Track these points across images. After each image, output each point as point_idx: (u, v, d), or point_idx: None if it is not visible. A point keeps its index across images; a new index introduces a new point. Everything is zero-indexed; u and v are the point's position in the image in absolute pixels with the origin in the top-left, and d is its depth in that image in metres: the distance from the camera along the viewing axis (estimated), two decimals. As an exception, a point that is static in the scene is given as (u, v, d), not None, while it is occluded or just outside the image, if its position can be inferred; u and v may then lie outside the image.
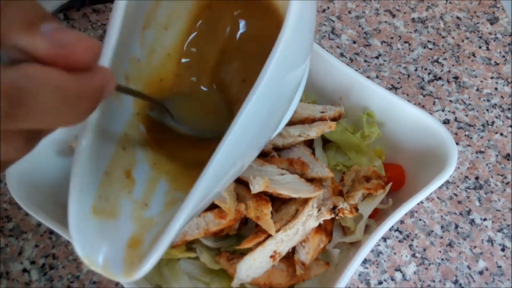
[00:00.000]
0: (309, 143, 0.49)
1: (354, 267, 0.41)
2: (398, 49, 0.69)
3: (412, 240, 0.57)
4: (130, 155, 0.34)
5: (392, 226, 0.58)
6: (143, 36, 0.34)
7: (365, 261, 0.55)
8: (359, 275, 0.55)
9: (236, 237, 0.43)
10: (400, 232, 0.57)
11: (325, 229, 0.42)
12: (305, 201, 0.41)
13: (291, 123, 0.47)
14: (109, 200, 0.31)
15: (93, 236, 0.29)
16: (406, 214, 0.59)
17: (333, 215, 0.41)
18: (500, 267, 0.56)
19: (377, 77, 0.67)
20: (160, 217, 0.31)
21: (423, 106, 0.65)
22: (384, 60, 0.68)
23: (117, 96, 0.33)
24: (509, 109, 0.65)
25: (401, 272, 0.55)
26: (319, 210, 0.41)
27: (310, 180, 0.43)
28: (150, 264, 0.26)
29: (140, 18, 0.33)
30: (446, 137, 0.45)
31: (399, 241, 0.57)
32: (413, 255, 0.56)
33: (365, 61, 0.68)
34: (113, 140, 0.33)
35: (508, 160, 0.62)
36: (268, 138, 0.34)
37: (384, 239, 0.57)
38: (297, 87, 0.34)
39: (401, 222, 0.58)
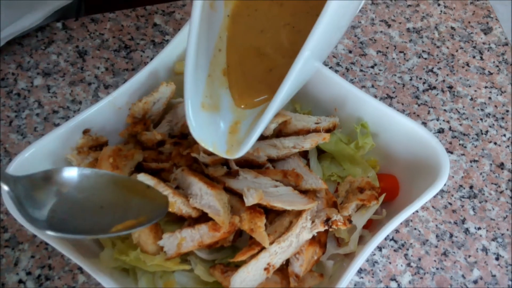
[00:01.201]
0: (304, 154, 0.50)
1: (348, 279, 0.41)
2: (393, 58, 0.70)
3: (407, 249, 0.57)
4: (224, 54, 0.42)
5: (388, 236, 0.58)
6: None
7: (360, 271, 0.56)
8: (355, 285, 0.55)
9: (231, 249, 0.43)
10: (396, 242, 0.58)
11: (319, 241, 0.42)
12: (299, 213, 0.41)
13: (285, 134, 0.48)
14: (213, 97, 0.41)
15: (204, 125, 0.39)
16: (401, 223, 0.59)
17: (326, 227, 0.41)
18: (494, 276, 0.56)
19: (372, 86, 0.67)
20: (252, 110, 0.41)
21: (418, 116, 0.66)
22: (380, 70, 0.69)
23: (211, 6, 0.39)
24: (503, 118, 0.66)
25: (397, 281, 0.55)
26: (312, 222, 0.41)
27: (304, 192, 0.43)
28: (248, 146, 0.37)
29: None
30: (438, 148, 0.46)
31: (395, 250, 0.57)
32: (408, 265, 0.56)
33: (361, 70, 0.68)
34: (211, 45, 0.41)
35: (502, 169, 0.62)
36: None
37: (380, 248, 0.57)
38: None
39: (396, 231, 0.58)
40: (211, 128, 0.40)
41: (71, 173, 0.37)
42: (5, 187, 0.33)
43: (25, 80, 0.64)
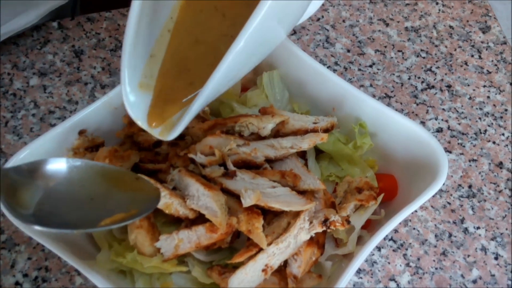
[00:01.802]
0: (302, 154, 0.50)
1: (346, 279, 0.41)
2: (392, 58, 0.69)
3: (406, 249, 0.57)
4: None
5: (387, 236, 0.58)
6: None
7: (359, 271, 0.55)
8: (354, 285, 0.55)
9: (229, 250, 0.43)
10: (394, 242, 0.58)
11: (317, 241, 0.42)
12: (297, 214, 0.41)
13: (283, 134, 0.47)
14: (153, 77, 0.40)
15: (140, 104, 0.39)
16: (400, 223, 0.58)
17: (324, 228, 0.41)
18: (493, 275, 0.56)
19: (371, 85, 0.67)
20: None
21: (416, 115, 0.65)
22: (378, 69, 0.68)
23: None
24: (501, 117, 0.66)
25: (396, 281, 0.55)
26: (310, 223, 0.41)
27: (302, 192, 0.43)
28: (178, 131, 0.37)
29: None
30: (437, 148, 0.46)
31: (393, 250, 0.57)
32: (407, 265, 0.56)
33: (359, 69, 0.68)
34: (158, 23, 0.40)
35: (501, 168, 0.62)
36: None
37: (379, 248, 0.57)
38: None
39: (395, 231, 0.58)
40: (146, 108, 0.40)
41: (59, 165, 0.36)
42: None
43: (21, 80, 0.63)
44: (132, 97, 0.39)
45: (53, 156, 0.45)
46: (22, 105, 0.62)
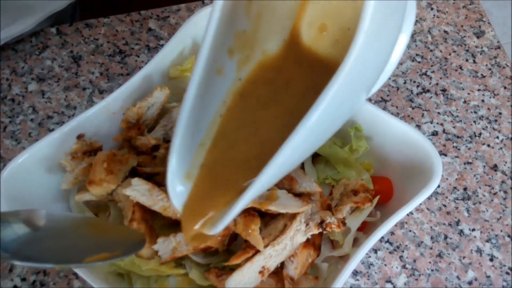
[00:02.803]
0: (298, 157, 0.50)
1: (342, 280, 0.41)
2: (387, 62, 0.70)
3: (403, 251, 0.58)
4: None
5: (383, 238, 0.58)
6: (250, 7, 0.35)
7: (356, 273, 0.56)
8: (350, 287, 0.55)
9: (226, 253, 0.43)
10: (391, 244, 0.58)
11: (313, 243, 0.42)
12: (293, 216, 0.41)
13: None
14: (200, 167, 0.36)
15: (184, 195, 0.36)
16: (396, 226, 0.59)
17: (321, 230, 0.41)
18: (489, 277, 0.57)
19: (366, 89, 0.68)
20: None
21: (412, 118, 0.66)
22: (373, 73, 0.69)
23: (219, 72, 0.35)
24: (495, 120, 0.66)
25: (392, 283, 0.56)
26: (307, 225, 0.41)
27: (299, 195, 0.44)
28: (221, 227, 0.33)
29: None
30: (431, 151, 0.46)
31: (390, 252, 0.57)
32: (404, 266, 0.57)
33: (354, 74, 0.69)
34: (210, 110, 0.36)
35: (495, 171, 0.63)
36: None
37: (375, 250, 0.57)
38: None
39: (392, 233, 0.59)
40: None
41: (39, 216, 0.36)
42: None
43: (19, 85, 0.64)
44: (179, 187, 0.36)
45: (51, 161, 0.46)
46: (21, 110, 0.62)
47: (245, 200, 0.31)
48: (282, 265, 0.42)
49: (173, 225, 0.43)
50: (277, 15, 0.37)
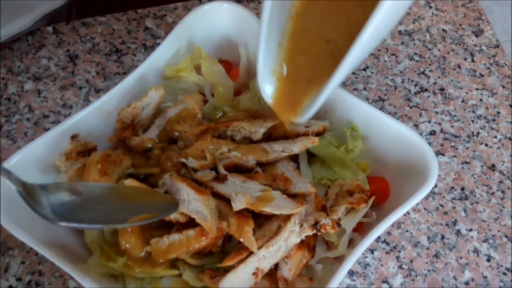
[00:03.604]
0: (294, 157, 0.50)
1: (337, 281, 0.41)
2: (385, 61, 0.70)
3: (399, 251, 0.57)
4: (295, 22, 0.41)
5: (379, 238, 0.58)
6: None
7: (352, 274, 0.56)
8: (347, 287, 0.55)
9: (221, 254, 0.43)
10: (387, 244, 0.58)
11: (307, 244, 0.42)
12: (287, 217, 0.41)
13: (275, 138, 0.48)
14: (281, 64, 0.41)
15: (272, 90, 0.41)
16: (393, 226, 0.59)
17: (315, 231, 0.41)
18: (485, 277, 0.56)
19: (364, 89, 0.67)
20: None
21: (409, 118, 0.66)
22: (372, 72, 0.69)
23: None
24: (494, 120, 0.66)
25: (388, 284, 0.55)
26: (301, 226, 0.41)
27: (293, 196, 0.43)
28: (311, 113, 0.39)
29: None
30: (427, 151, 0.46)
31: (386, 252, 0.57)
32: (400, 267, 0.56)
33: (353, 73, 0.68)
34: (284, 11, 0.40)
35: (493, 170, 0.63)
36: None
37: (372, 251, 0.57)
38: None
39: (388, 233, 0.58)
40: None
41: (79, 185, 0.39)
42: (13, 186, 0.35)
43: (15, 84, 0.64)
44: (267, 85, 0.41)
45: (46, 162, 0.46)
46: (17, 110, 0.62)
47: (333, 85, 0.35)
48: (276, 267, 0.42)
49: (166, 226, 0.43)
50: None
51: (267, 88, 0.42)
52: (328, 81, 0.35)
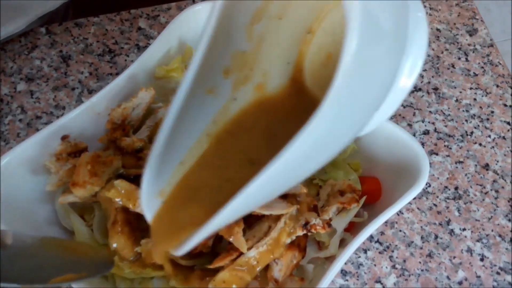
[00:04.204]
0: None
1: (327, 281, 0.41)
2: (379, 60, 0.70)
3: (392, 251, 0.57)
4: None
5: (373, 238, 0.58)
6: (251, 31, 0.33)
7: (345, 274, 0.56)
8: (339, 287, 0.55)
9: (211, 254, 0.43)
10: (381, 244, 0.58)
11: (298, 245, 0.42)
12: (278, 218, 0.41)
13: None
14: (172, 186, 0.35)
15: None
16: (386, 225, 0.59)
17: (305, 231, 0.41)
18: (479, 277, 0.56)
19: (357, 88, 0.67)
20: None
21: (403, 117, 0.66)
22: (365, 72, 0.69)
23: (211, 91, 0.33)
24: (488, 119, 0.66)
25: (382, 283, 0.55)
26: (291, 226, 0.41)
27: (284, 196, 0.43)
28: (180, 252, 0.32)
29: (246, 16, 0.33)
30: (418, 151, 0.46)
31: (380, 252, 0.57)
32: (393, 267, 0.56)
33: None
34: (197, 128, 0.35)
35: (487, 170, 0.62)
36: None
37: (365, 250, 0.57)
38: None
39: (382, 233, 0.58)
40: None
41: (6, 235, 0.36)
42: None
43: (8, 85, 0.64)
44: (152, 202, 0.35)
45: (36, 163, 0.45)
46: (9, 111, 0.62)
47: (208, 228, 0.29)
48: (266, 267, 0.42)
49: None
50: (283, 39, 0.35)
51: (150, 210, 0.34)
52: (211, 219, 0.29)
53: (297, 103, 0.36)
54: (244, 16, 0.33)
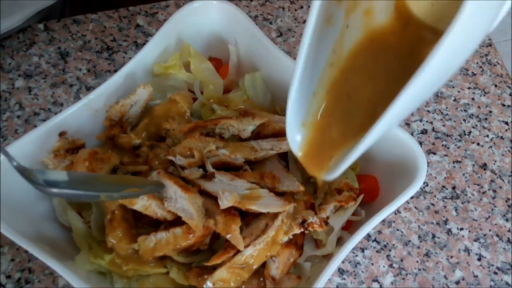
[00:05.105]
0: (284, 155, 0.50)
1: (324, 279, 0.41)
2: (377, 59, 0.70)
3: (390, 250, 0.57)
4: (335, 70, 0.38)
5: (370, 237, 0.58)
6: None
7: (342, 272, 0.56)
8: (337, 286, 0.55)
9: (209, 252, 0.43)
10: (378, 243, 0.58)
11: (295, 243, 0.42)
12: (275, 216, 0.41)
13: (263, 136, 0.48)
14: (314, 115, 0.38)
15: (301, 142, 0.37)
16: (383, 224, 0.59)
17: (302, 229, 0.41)
18: (476, 276, 0.56)
19: (356, 87, 0.67)
20: None
21: (401, 116, 0.66)
22: (363, 71, 0.69)
23: (328, 21, 0.35)
24: (486, 119, 0.66)
25: (379, 282, 0.55)
26: (288, 224, 0.41)
27: (281, 194, 0.43)
28: (339, 172, 0.34)
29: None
30: (416, 150, 0.46)
31: (377, 251, 0.57)
32: (391, 266, 0.56)
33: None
34: (322, 58, 0.37)
35: (485, 169, 0.62)
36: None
37: (362, 249, 0.57)
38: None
39: (379, 232, 0.58)
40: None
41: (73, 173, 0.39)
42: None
43: (6, 82, 0.63)
44: (297, 135, 0.38)
45: (34, 159, 0.45)
46: (7, 107, 0.62)
47: (364, 145, 0.32)
48: (264, 265, 0.42)
49: (154, 224, 0.43)
50: None
51: (296, 139, 0.38)
52: (363, 138, 0.31)
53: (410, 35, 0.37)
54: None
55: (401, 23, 0.37)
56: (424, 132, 0.65)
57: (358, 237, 0.42)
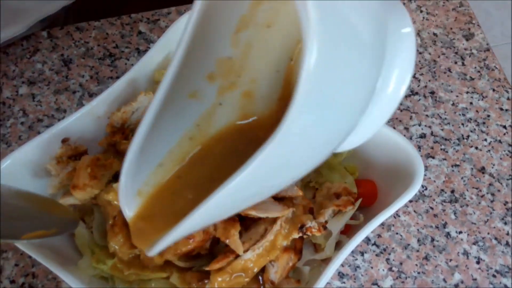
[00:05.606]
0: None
1: (323, 283, 0.42)
2: (376, 64, 0.70)
3: (389, 254, 0.58)
4: (193, 145, 0.35)
5: (369, 240, 0.59)
6: (236, 38, 0.33)
7: (342, 276, 0.56)
8: (336, 290, 0.56)
9: (209, 256, 0.44)
10: (377, 246, 0.58)
11: (294, 247, 0.43)
12: (274, 221, 0.42)
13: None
14: (155, 186, 0.35)
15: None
16: (383, 228, 0.60)
17: (301, 234, 0.41)
18: (475, 279, 0.57)
19: (355, 92, 0.68)
20: None
21: (400, 121, 0.66)
22: (362, 76, 0.69)
23: (194, 95, 0.34)
24: (484, 123, 0.67)
25: (378, 286, 0.56)
26: (287, 229, 0.42)
27: (280, 199, 0.44)
28: (155, 251, 0.33)
29: (230, 23, 0.33)
30: (413, 154, 0.47)
31: (376, 255, 0.58)
32: (390, 269, 0.57)
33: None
34: (178, 129, 0.35)
35: (483, 173, 0.63)
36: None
37: (362, 253, 0.58)
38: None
39: (378, 236, 0.59)
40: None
41: None
42: None
43: (10, 89, 0.64)
44: (131, 202, 0.35)
45: (37, 165, 0.46)
46: (11, 114, 0.63)
47: (175, 234, 0.30)
48: (263, 269, 0.42)
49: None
50: (272, 47, 0.35)
51: (129, 209, 0.35)
52: (177, 225, 0.29)
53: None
54: (228, 23, 0.33)
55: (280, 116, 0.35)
56: (422, 136, 0.65)
57: (356, 241, 0.43)
